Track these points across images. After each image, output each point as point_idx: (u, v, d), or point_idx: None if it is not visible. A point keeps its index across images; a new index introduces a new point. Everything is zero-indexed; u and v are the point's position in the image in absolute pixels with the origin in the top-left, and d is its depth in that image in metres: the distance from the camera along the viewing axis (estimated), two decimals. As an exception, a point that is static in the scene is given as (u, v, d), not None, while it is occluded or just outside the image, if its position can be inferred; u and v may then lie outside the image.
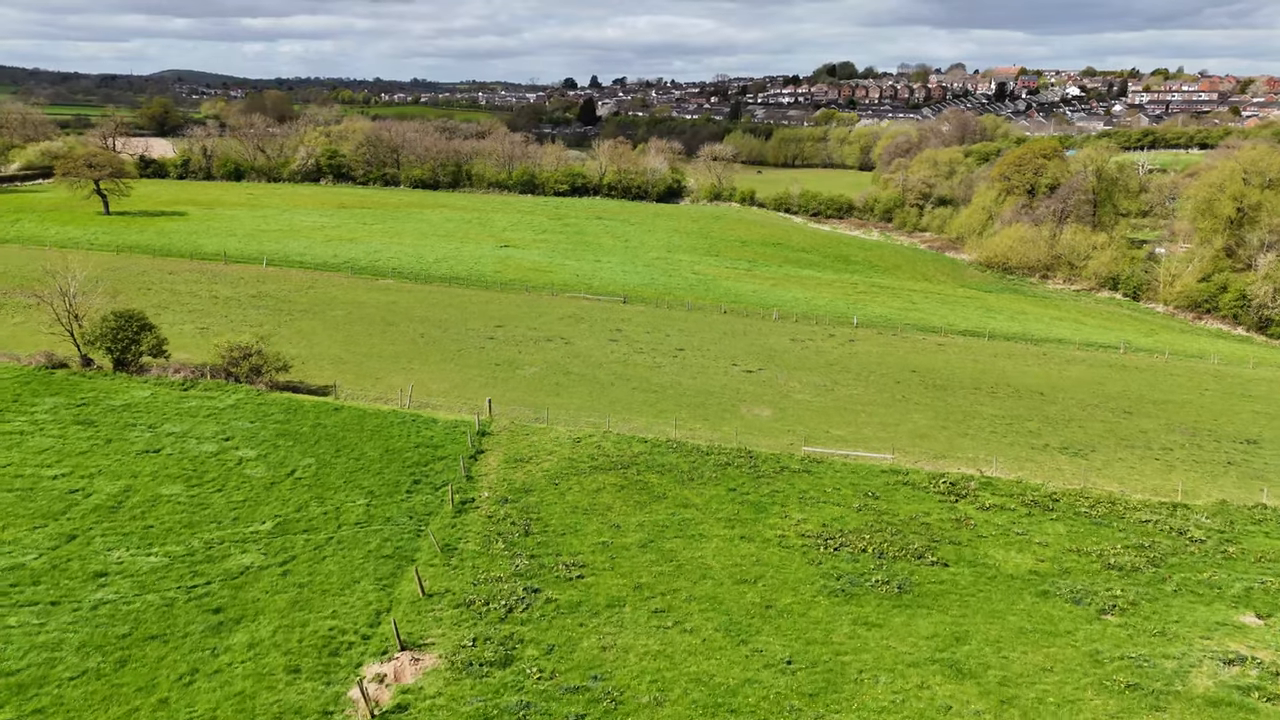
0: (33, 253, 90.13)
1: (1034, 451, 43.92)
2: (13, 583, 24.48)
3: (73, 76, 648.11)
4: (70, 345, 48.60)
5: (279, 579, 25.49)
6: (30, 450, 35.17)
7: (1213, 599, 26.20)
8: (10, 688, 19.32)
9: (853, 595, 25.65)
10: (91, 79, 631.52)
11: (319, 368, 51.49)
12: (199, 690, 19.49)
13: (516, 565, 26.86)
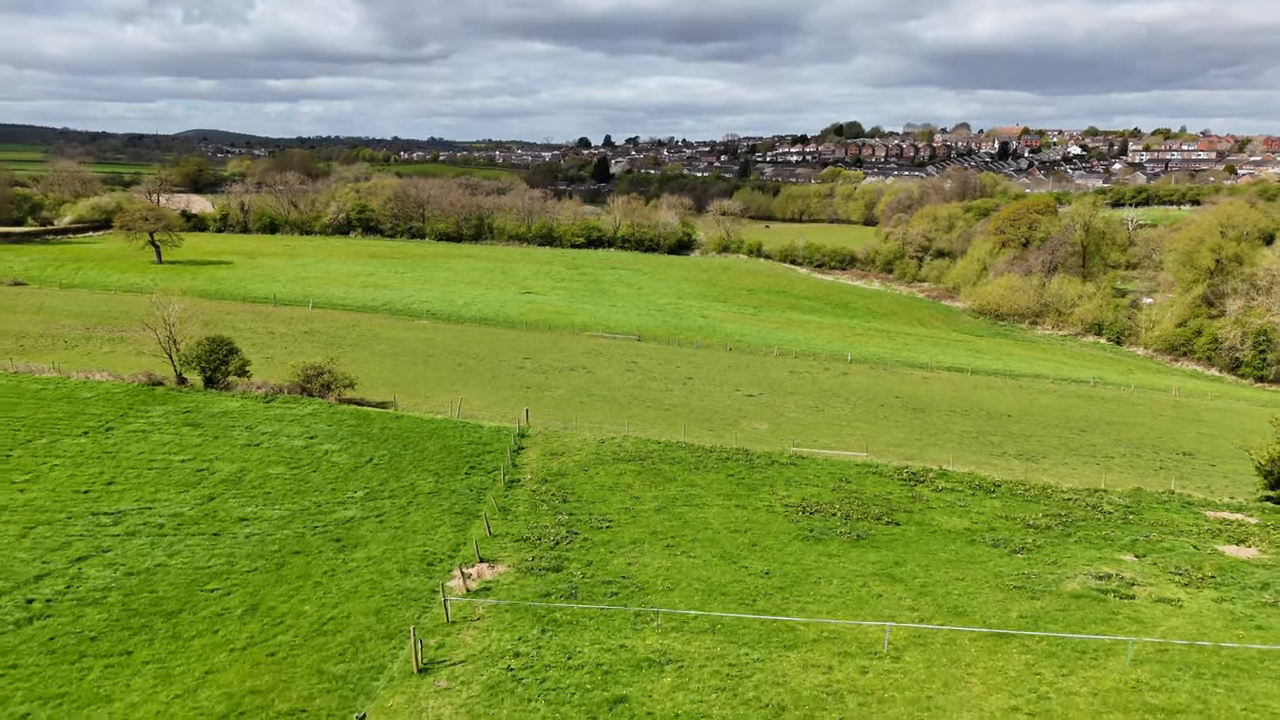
0: (100, 297, 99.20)
1: (992, 457, 51.22)
2: (179, 523, 32.13)
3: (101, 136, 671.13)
4: (167, 366, 56.75)
5: (377, 525, 33.06)
6: (155, 443, 43.05)
7: (1104, 546, 33.42)
8: (207, 575, 26.80)
9: (820, 539, 33.01)
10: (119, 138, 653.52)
11: (375, 389, 59.39)
12: (340, 578, 26.94)
13: (559, 519, 34.36)
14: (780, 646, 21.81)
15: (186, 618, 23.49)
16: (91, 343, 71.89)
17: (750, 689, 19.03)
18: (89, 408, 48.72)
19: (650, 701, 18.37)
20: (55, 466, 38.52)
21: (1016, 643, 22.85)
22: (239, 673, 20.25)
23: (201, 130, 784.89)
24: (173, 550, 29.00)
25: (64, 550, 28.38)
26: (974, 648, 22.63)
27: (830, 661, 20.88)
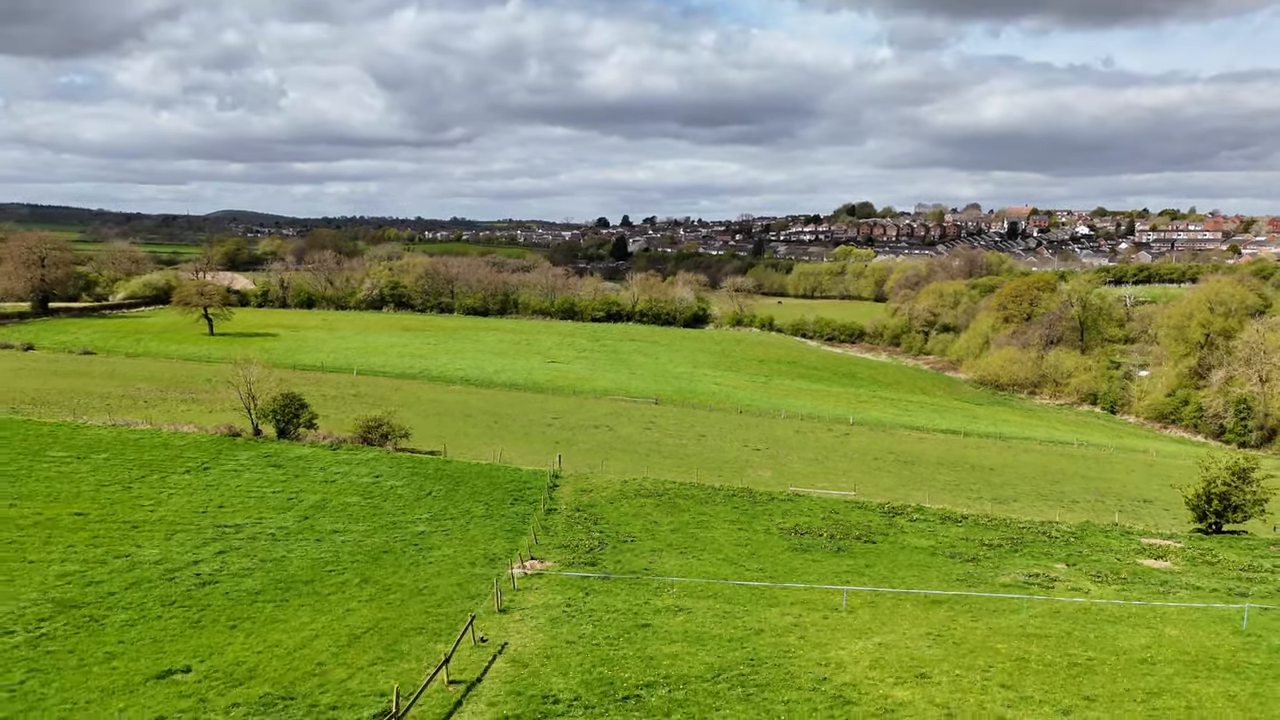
0: (164, 364, 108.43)
1: (968, 500, 58.15)
2: (286, 533, 39.74)
3: (136, 216, 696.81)
4: (242, 420, 64.94)
5: (444, 537, 40.51)
6: (248, 479, 50.92)
7: (1041, 558, 40.34)
8: (322, 563, 34.30)
9: (807, 550, 40.16)
10: (154, 219, 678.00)
11: (424, 441, 67.18)
12: (424, 566, 34.33)
13: (591, 535, 41.71)
14: (764, 604, 28.92)
15: (318, 585, 30.90)
16: (167, 403, 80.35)
17: (738, 623, 26.09)
18: (185, 452, 56.81)
19: (666, 628, 25.45)
20: (172, 494, 46.37)
21: (946, 605, 29.86)
22: (369, 610, 27.53)
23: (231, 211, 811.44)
24: (289, 549, 36.58)
25: (205, 548, 36.01)
26: (913, 608, 29.63)
27: (800, 612, 27.93)
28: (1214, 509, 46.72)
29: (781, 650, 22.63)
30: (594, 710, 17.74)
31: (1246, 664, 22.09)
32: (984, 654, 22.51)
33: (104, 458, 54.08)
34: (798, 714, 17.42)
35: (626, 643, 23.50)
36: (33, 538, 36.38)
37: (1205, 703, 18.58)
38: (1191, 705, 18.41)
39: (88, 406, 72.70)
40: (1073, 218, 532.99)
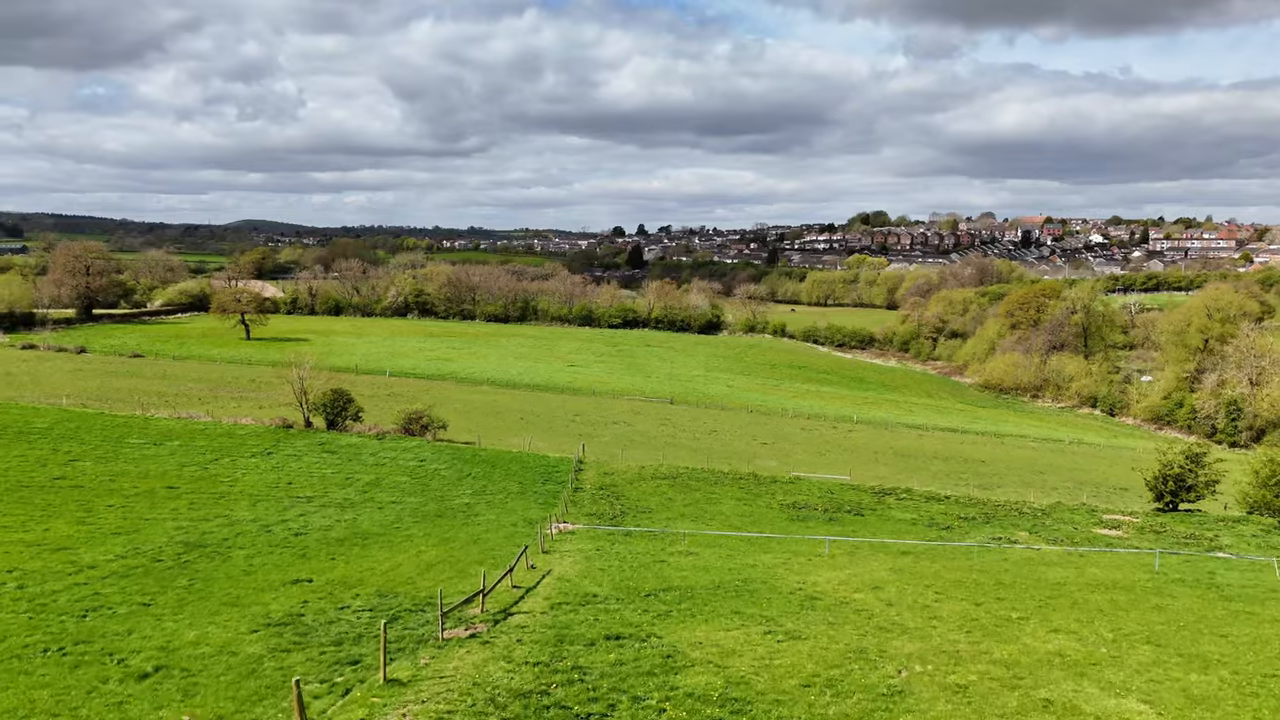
0: (209, 366, 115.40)
1: (955, 486, 63.78)
2: (351, 503, 45.93)
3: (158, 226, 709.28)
4: (293, 414, 71.39)
5: (487, 507, 46.64)
6: (308, 462, 57.25)
7: (1009, 527, 46.03)
8: (387, 524, 40.49)
9: (802, 520, 46.04)
10: (175, 228, 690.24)
11: (458, 433, 73.43)
12: (474, 527, 40.40)
13: (614, 506, 47.73)
14: (760, 551, 34.81)
15: (390, 536, 37.03)
16: (219, 400, 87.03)
17: (737, 561, 31.93)
18: (247, 441, 63.26)
19: (678, 564, 31.32)
20: (245, 473, 52.74)
21: (913, 555, 35.66)
22: (436, 551, 33.57)
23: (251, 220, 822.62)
24: (357, 513, 42.80)
25: (288, 511, 42.29)
26: (884, 556, 35.43)
27: (789, 556, 33.78)
28: (1169, 489, 52.23)
29: (770, 575, 28.49)
30: (622, 601, 23.57)
31: (1138, 584, 27.69)
32: (930, 578, 28.26)
33: (177, 444, 60.57)
34: (775, 604, 23.22)
35: (646, 570, 29.41)
36: (139, 503, 42.80)
37: (1089, 602, 24.20)
38: (1077, 603, 24.05)
39: (150, 403, 79.38)
40: (1087, 226, 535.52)
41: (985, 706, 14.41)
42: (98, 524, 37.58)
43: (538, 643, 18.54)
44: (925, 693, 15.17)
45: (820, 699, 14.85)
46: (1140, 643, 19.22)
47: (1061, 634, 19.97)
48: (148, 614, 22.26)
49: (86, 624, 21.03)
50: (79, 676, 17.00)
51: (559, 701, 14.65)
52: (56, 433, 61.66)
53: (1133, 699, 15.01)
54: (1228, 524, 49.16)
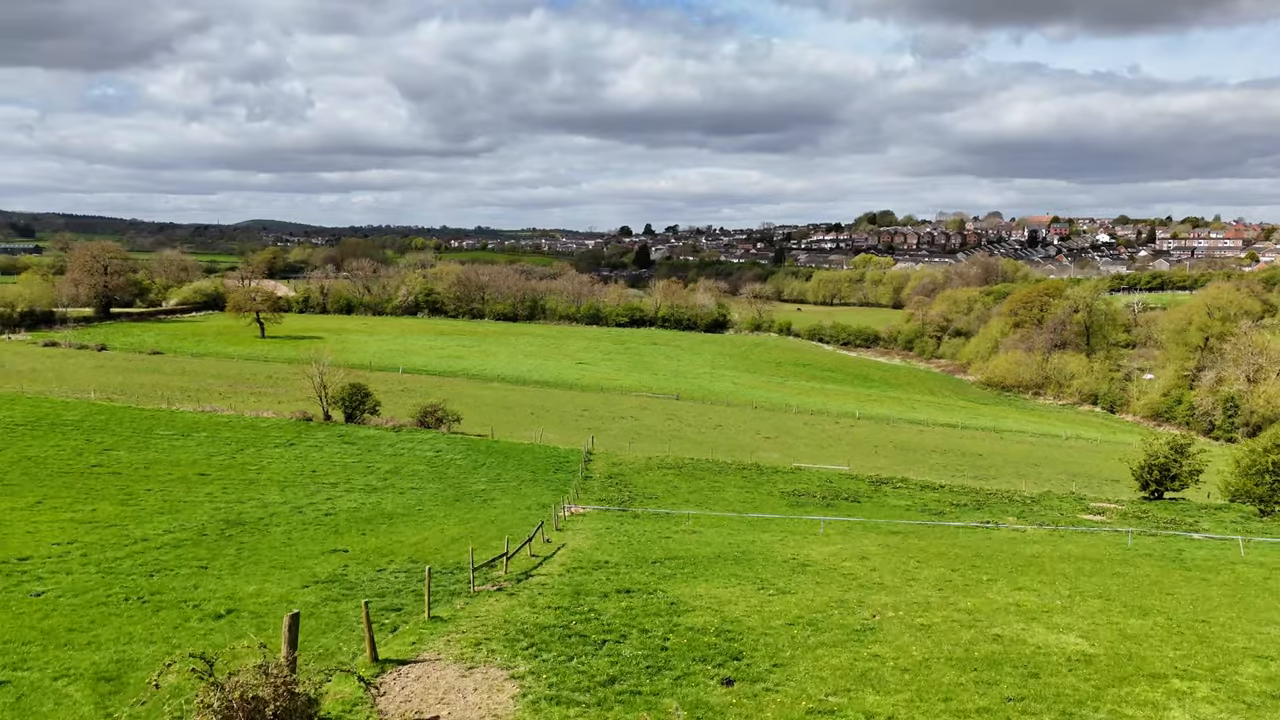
0: (227, 363, 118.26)
1: (951, 477, 66.07)
2: (373, 489, 48.50)
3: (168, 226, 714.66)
4: (313, 408, 74.03)
5: (502, 493, 49.17)
6: (329, 452, 59.85)
7: (998, 512, 48.32)
8: (409, 506, 43.05)
9: (800, 505, 48.46)
10: (185, 228, 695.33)
11: (471, 426, 76.01)
12: (491, 509, 42.91)
13: (622, 493, 50.24)
14: (759, 531, 37.26)
15: (414, 517, 39.58)
16: (239, 395, 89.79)
17: (738, 538, 34.38)
18: (270, 432, 65.92)
19: (683, 539, 33.78)
20: (271, 462, 55.36)
21: (903, 534, 38.09)
22: (458, 529, 36.10)
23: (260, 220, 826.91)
24: (380, 498, 45.38)
25: (315, 495, 44.88)
26: (875, 535, 37.83)
27: (786, 535, 36.20)
28: (1155, 478, 54.47)
29: (766, 548, 30.91)
30: (631, 567, 25.99)
31: (1106, 557, 30.02)
32: (915, 551, 30.65)
33: (204, 435, 63.26)
34: (770, 569, 25.61)
35: (653, 544, 31.85)
36: (176, 487, 45.47)
37: (1056, 569, 26.51)
38: (1045, 570, 26.39)
39: (174, 397, 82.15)
40: (1094, 226, 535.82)
41: (943, 639, 16.75)
42: (140, 505, 40.22)
43: (557, 594, 20.98)
44: (893, 629, 17.53)
45: (802, 633, 17.23)
46: (1092, 598, 21.57)
47: (1024, 591, 22.34)
48: (207, 574, 24.78)
49: (154, 581, 23.57)
50: (162, 617, 19.48)
51: (578, 633, 17.06)
52: (88, 424, 64.39)
53: (1072, 635, 17.33)
54: (1209, 511, 51.41)
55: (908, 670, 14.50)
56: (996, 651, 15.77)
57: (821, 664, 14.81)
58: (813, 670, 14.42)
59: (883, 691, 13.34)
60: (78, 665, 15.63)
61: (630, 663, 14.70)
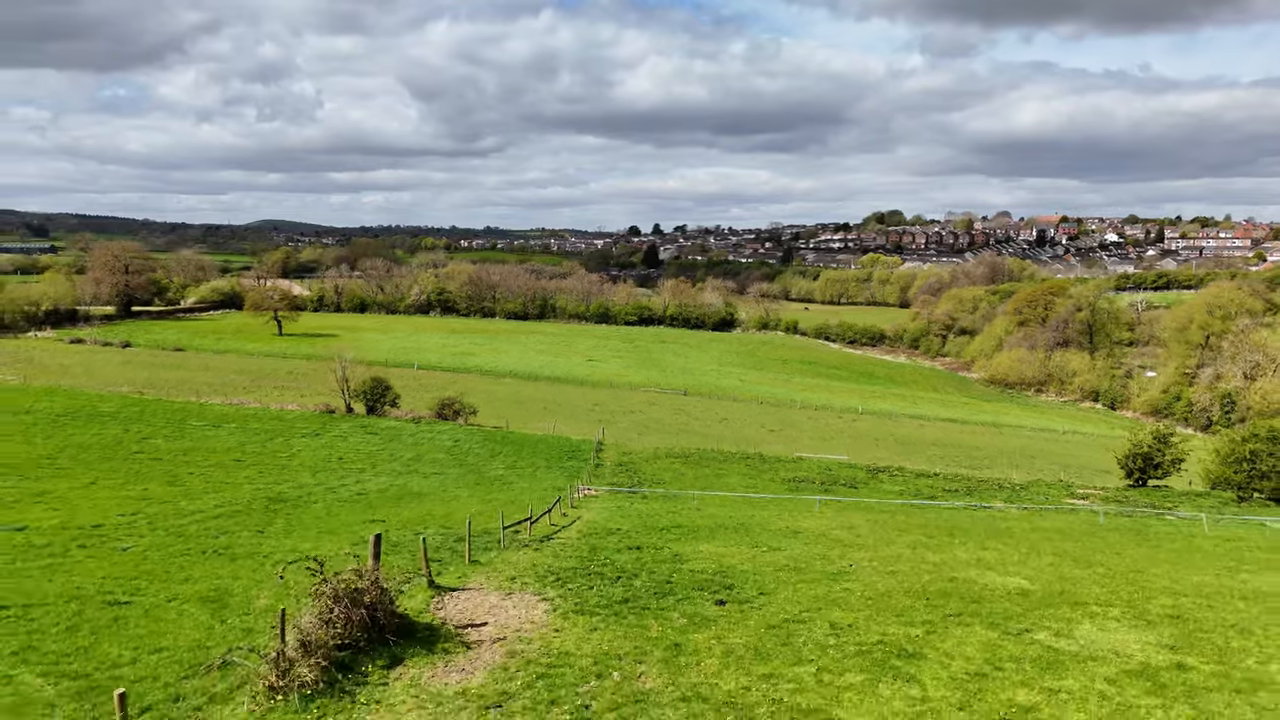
0: (248, 359, 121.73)
1: (946, 467, 68.88)
2: (399, 473, 51.64)
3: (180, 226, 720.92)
4: (335, 400, 77.32)
5: (518, 478, 52.28)
6: (353, 442, 63.07)
7: (988, 497, 51.25)
8: (434, 487, 46.18)
9: (800, 489, 51.44)
10: (197, 228, 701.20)
11: (487, 419, 79.18)
12: (511, 491, 46.10)
13: (631, 479, 53.35)
14: (758, 509, 40.31)
15: (439, 496, 42.73)
16: (263, 389, 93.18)
17: (738, 514, 37.43)
18: (296, 424, 69.19)
19: (688, 515, 36.83)
20: (300, 450, 58.59)
21: (891, 513, 41.07)
22: (480, 505, 39.24)
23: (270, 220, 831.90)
24: (406, 480, 48.54)
25: (345, 479, 48.04)
26: (868, 514, 40.78)
27: (782, 512, 39.21)
28: (1139, 466, 57.24)
29: (764, 521, 33.92)
30: (640, 533, 29.01)
31: (1074, 530, 32.88)
32: (899, 524, 33.63)
33: (234, 426, 66.55)
34: (765, 536, 28.61)
35: (661, 517, 34.89)
36: (216, 471, 48.73)
37: (1025, 538, 29.40)
38: (1014, 536, 29.29)
39: (201, 391, 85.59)
40: (1103, 225, 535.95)
41: (906, 579, 19.68)
42: (186, 485, 43.48)
43: (576, 550, 23.99)
44: (865, 573, 20.48)
45: (788, 576, 20.18)
46: (1046, 555, 24.47)
47: (987, 551, 25.27)
48: (265, 537, 27.90)
49: (221, 541, 26.68)
50: (239, 564, 22.57)
51: (596, 572, 20.06)
52: (124, 415, 67.78)
53: (1017, 578, 20.23)
54: (1189, 497, 54.18)
55: (871, 598, 17.43)
56: (949, 587, 18.68)
57: (799, 593, 17.78)
58: (791, 597, 17.37)
59: (847, 610, 16.26)
60: (183, 592, 18.69)
61: (640, 591, 17.69)
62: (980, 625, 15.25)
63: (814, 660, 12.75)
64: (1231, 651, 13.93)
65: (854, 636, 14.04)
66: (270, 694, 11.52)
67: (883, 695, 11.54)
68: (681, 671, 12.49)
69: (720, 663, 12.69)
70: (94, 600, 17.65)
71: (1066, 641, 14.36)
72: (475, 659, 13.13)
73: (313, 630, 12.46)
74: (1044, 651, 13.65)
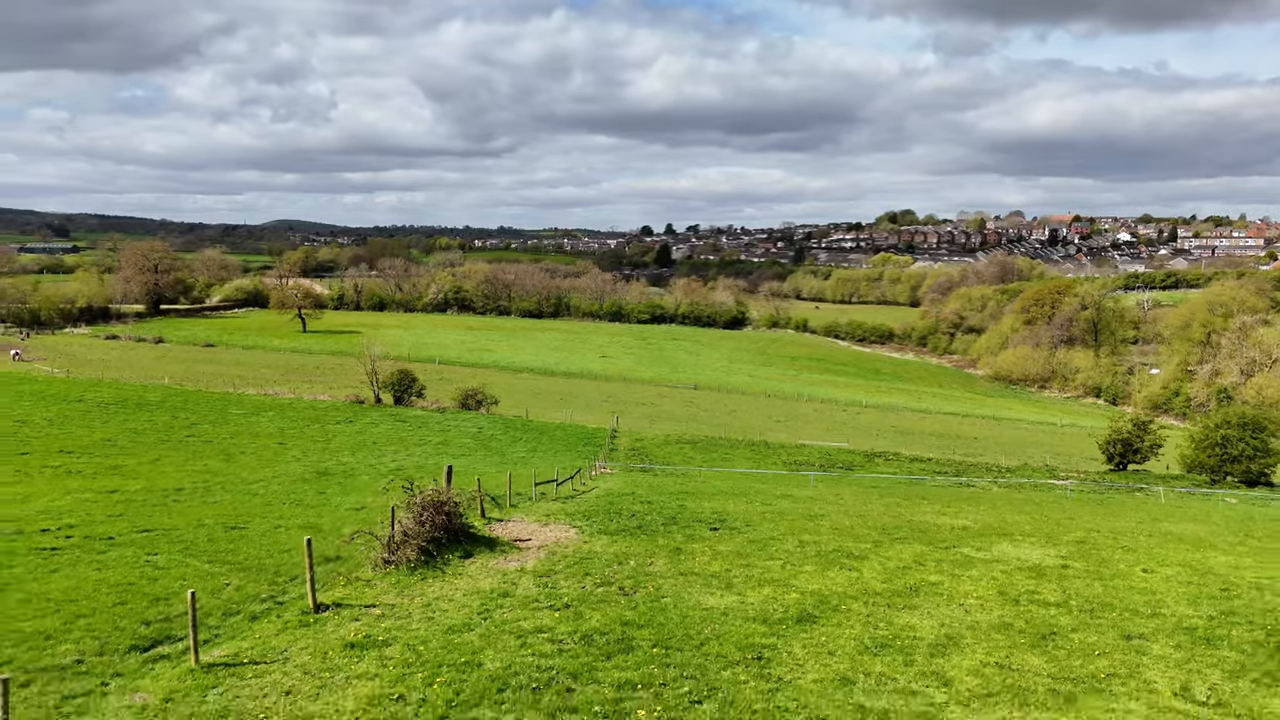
0: (276, 354, 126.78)
1: (940, 453, 72.86)
2: (429, 454, 56.10)
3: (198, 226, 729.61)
4: (366, 391, 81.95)
5: (539, 459, 56.59)
6: (385, 429, 67.61)
7: (976, 480, 55.29)
8: (464, 465, 50.57)
9: (799, 470, 55.65)
10: (214, 228, 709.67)
11: (507, 410, 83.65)
12: (533, 469, 50.50)
13: (643, 460, 57.69)
14: (759, 483, 44.57)
15: (470, 470, 47.15)
16: (292, 381, 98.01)
17: (740, 485, 41.68)
18: (329, 413, 73.83)
19: (696, 486, 41.15)
20: (335, 436, 63.15)
21: (880, 489, 45.21)
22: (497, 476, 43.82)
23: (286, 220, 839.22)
24: (439, 459, 52.98)
25: (383, 457, 52.53)
26: (859, 489, 44.89)
27: (780, 485, 43.44)
28: (1119, 451, 61.10)
29: (763, 491, 38.17)
30: (650, 495, 33.28)
31: (1037, 500, 36.89)
32: (882, 492, 37.80)
33: (272, 414, 71.26)
34: (760, 498, 32.83)
35: (669, 485, 39.24)
36: (264, 450, 53.32)
37: (992, 502, 33.47)
38: (979, 501, 33.37)
39: (236, 383, 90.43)
40: (1116, 224, 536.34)
41: (869, 521, 23.83)
42: (240, 462, 48.07)
43: (596, 503, 28.28)
44: (837, 515, 24.66)
45: (773, 518, 24.38)
46: (1001, 508, 28.60)
47: (950, 508, 29.39)
48: (327, 496, 32.30)
49: (293, 498, 31.09)
50: (317, 510, 26.95)
51: (615, 514, 24.34)
52: (170, 404, 72.62)
53: (963, 519, 24.34)
54: (1164, 479, 58.05)
55: (837, 529, 21.60)
56: (904, 524, 22.82)
57: (778, 525, 21.97)
58: (771, 529, 21.55)
59: (814, 534, 20.42)
60: (284, 524, 23.04)
61: (650, 522, 21.92)
62: (918, 544, 19.32)
63: (782, 559, 16.84)
64: (1110, 561, 17.91)
65: (815, 548, 18.13)
66: (385, 564, 15.78)
67: (829, 576, 15.59)
68: (680, 562, 16.66)
69: (710, 557, 16.80)
70: (215, 527, 21.94)
71: (983, 553, 18.44)
72: (526, 554, 17.35)
73: (410, 526, 16.77)
74: (961, 557, 17.71)
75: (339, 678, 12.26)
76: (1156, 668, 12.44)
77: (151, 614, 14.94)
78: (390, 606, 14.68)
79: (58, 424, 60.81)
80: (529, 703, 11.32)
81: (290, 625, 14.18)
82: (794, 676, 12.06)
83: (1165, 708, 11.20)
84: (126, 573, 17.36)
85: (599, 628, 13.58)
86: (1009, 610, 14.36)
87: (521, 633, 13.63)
